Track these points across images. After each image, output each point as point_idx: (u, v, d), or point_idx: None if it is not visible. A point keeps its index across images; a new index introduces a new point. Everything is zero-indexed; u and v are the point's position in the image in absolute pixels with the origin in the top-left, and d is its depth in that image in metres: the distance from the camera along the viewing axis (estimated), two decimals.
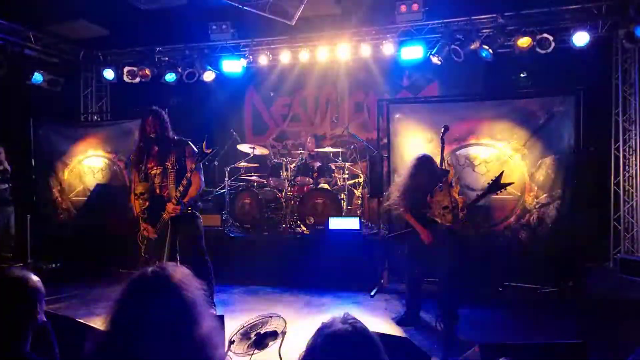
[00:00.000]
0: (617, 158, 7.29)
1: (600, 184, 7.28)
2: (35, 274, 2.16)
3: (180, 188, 4.51)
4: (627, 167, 7.23)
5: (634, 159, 7.14)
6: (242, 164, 8.18)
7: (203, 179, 4.73)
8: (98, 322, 1.55)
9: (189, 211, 4.73)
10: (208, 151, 4.36)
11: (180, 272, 1.55)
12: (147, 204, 4.71)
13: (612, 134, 7.32)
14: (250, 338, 3.41)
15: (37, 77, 8.01)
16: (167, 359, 1.41)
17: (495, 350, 2.53)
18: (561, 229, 6.04)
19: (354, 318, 1.47)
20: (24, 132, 8.01)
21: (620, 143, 7.24)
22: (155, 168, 4.69)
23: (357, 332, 1.42)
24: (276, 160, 8.29)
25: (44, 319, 2.08)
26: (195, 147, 4.62)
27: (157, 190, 4.69)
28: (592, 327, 4.84)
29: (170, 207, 4.56)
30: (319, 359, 1.41)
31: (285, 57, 8.19)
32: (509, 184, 4.73)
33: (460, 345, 4.22)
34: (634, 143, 7.14)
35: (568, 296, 5.83)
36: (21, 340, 2.00)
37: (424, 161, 4.84)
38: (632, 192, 7.16)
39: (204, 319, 1.50)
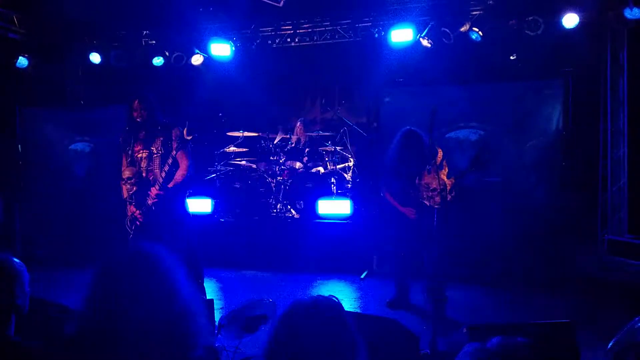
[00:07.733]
0: (605, 140, 7.32)
1: (589, 165, 7.32)
2: (22, 260, 2.15)
3: (163, 174, 4.49)
4: (614, 149, 7.26)
5: (621, 140, 7.18)
6: (232, 148, 8.13)
7: (190, 162, 4.68)
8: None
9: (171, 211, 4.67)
10: (188, 137, 4.36)
11: (156, 248, 1.59)
12: (135, 188, 4.67)
13: (600, 116, 7.34)
14: (240, 322, 3.40)
15: (22, 61, 7.87)
16: (147, 333, 1.43)
17: (484, 331, 2.54)
18: (550, 210, 6.09)
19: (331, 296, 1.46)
20: (9, 118, 7.89)
21: (609, 125, 7.26)
22: (141, 152, 4.66)
23: (322, 303, 1.40)
24: (266, 145, 8.24)
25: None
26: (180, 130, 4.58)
27: (144, 174, 4.67)
28: (580, 308, 4.91)
29: (153, 191, 4.52)
30: (284, 326, 1.40)
31: (273, 40, 8.10)
32: (489, 159, 4.73)
33: (449, 327, 4.26)
34: (621, 125, 7.17)
35: (556, 277, 5.89)
36: (3, 323, 1.99)
37: (410, 135, 4.78)
38: (620, 174, 7.21)
39: (181, 288, 1.54)
